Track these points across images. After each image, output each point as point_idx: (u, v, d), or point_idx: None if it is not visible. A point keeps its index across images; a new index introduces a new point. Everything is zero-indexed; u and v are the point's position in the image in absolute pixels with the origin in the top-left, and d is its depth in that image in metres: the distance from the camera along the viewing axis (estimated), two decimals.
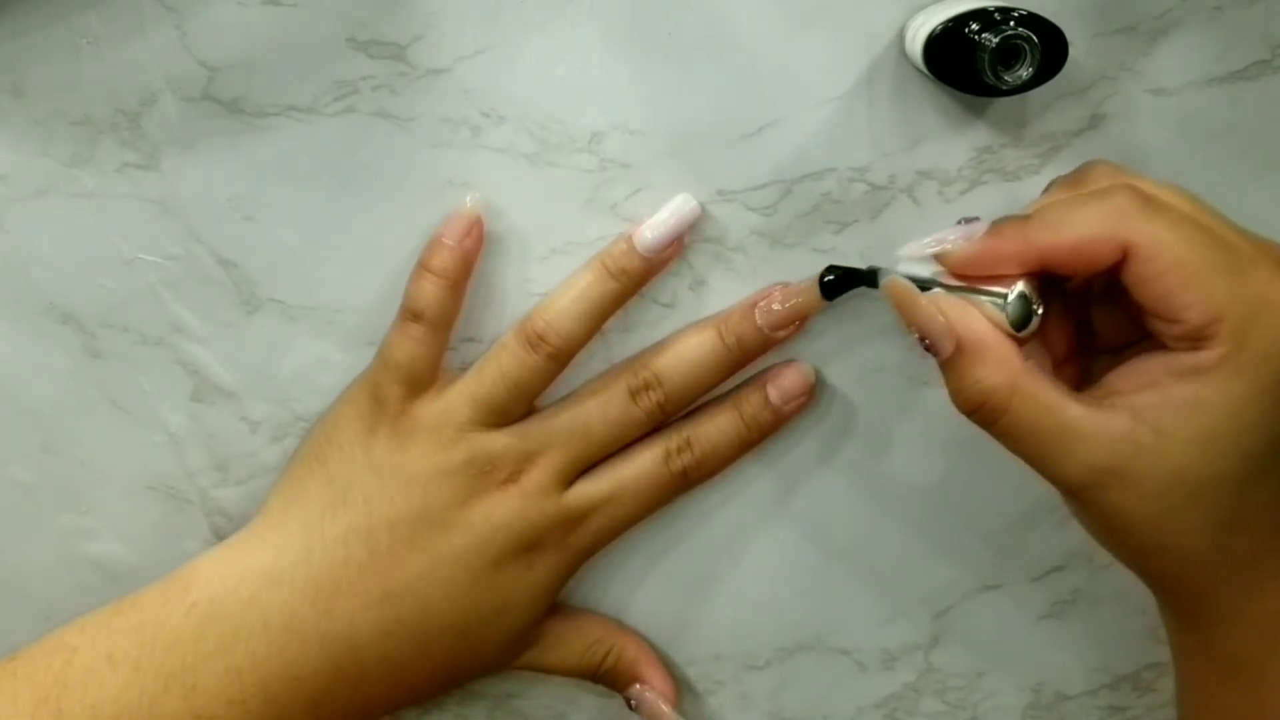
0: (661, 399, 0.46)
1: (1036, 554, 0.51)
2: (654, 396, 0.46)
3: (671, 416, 0.47)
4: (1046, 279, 0.39)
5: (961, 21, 0.40)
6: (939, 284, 0.40)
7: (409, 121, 0.44)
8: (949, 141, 0.45)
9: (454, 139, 0.45)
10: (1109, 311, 0.41)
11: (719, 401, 0.47)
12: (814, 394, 0.48)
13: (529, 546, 0.46)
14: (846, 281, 0.44)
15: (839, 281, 0.44)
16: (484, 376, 0.45)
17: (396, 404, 0.45)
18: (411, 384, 0.45)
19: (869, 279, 0.44)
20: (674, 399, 0.46)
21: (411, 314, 0.45)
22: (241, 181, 0.45)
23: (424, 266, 0.45)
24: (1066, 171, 0.43)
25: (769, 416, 0.47)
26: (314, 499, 0.46)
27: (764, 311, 0.46)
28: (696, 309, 0.47)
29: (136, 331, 0.47)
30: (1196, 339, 0.37)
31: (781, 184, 0.46)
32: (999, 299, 0.39)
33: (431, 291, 0.45)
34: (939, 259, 0.40)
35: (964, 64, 0.40)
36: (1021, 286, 0.39)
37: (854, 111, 0.45)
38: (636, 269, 0.45)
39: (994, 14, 0.40)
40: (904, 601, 0.51)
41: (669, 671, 0.50)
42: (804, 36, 0.44)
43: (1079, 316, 0.43)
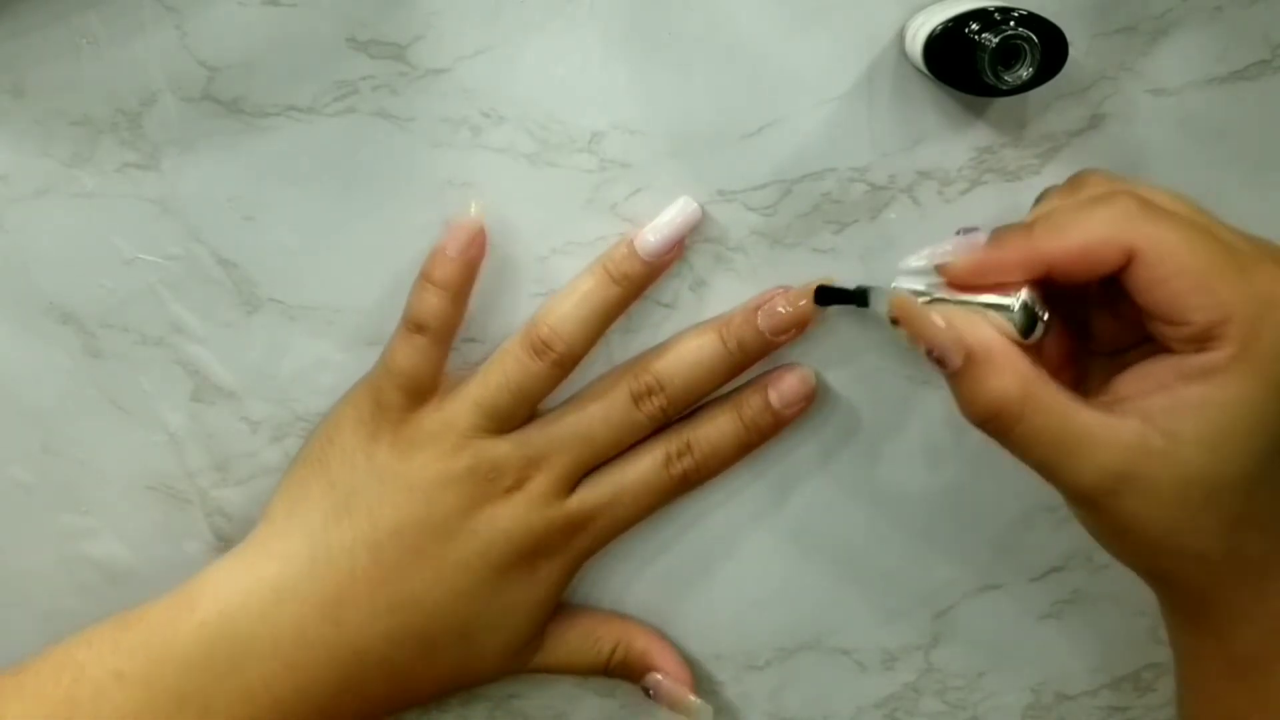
0: (664, 403, 0.46)
1: (1036, 554, 0.51)
2: (656, 401, 0.46)
3: (673, 419, 0.47)
4: (1044, 287, 0.39)
5: (961, 21, 0.40)
6: (941, 297, 0.40)
7: (409, 121, 0.44)
8: (949, 141, 0.45)
9: (454, 139, 0.45)
10: (1106, 316, 0.41)
11: (719, 404, 0.47)
12: (814, 398, 0.47)
13: (533, 552, 0.46)
14: (837, 297, 0.45)
15: (829, 295, 0.45)
16: (488, 383, 0.45)
17: (399, 411, 0.45)
18: (414, 391, 0.45)
19: (859, 298, 0.44)
20: (676, 403, 0.46)
21: (415, 325, 0.45)
22: (241, 181, 0.45)
23: (426, 278, 0.45)
24: (1067, 171, 0.43)
25: (769, 420, 0.47)
26: (317, 504, 0.46)
27: (766, 314, 0.46)
28: (697, 309, 0.47)
29: (136, 331, 0.47)
30: (1204, 340, 0.37)
31: (781, 184, 0.46)
32: (1004, 308, 0.39)
33: (434, 304, 0.45)
34: (941, 270, 0.40)
35: (964, 64, 0.40)
36: (1025, 294, 0.39)
37: (854, 111, 0.45)
38: (638, 273, 0.45)
39: (994, 14, 0.40)
40: (904, 601, 0.51)
41: (680, 655, 0.50)
42: (804, 36, 0.44)
43: (1074, 321, 0.43)
